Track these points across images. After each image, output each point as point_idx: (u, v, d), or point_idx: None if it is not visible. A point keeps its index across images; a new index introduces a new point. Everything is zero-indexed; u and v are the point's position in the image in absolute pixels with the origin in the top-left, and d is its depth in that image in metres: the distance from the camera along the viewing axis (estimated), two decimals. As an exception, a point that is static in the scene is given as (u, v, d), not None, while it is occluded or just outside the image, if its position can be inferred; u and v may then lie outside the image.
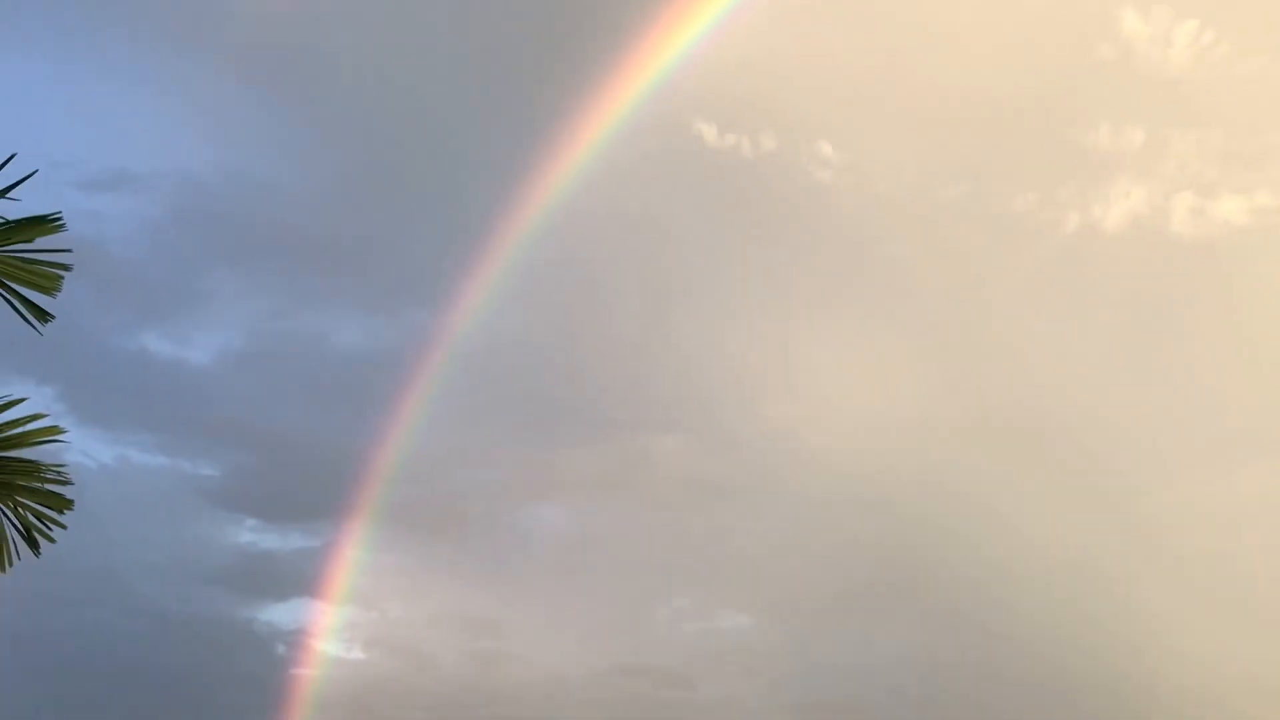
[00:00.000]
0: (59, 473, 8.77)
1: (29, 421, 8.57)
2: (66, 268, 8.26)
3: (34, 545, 8.83)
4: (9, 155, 8.27)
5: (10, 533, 8.77)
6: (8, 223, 8.25)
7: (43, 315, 8.35)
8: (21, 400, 8.55)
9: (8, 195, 8.21)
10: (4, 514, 8.67)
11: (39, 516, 8.76)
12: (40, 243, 8.32)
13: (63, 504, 8.79)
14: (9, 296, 8.26)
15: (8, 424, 8.50)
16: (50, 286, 8.29)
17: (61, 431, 8.60)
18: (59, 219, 8.35)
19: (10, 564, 8.73)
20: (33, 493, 8.71)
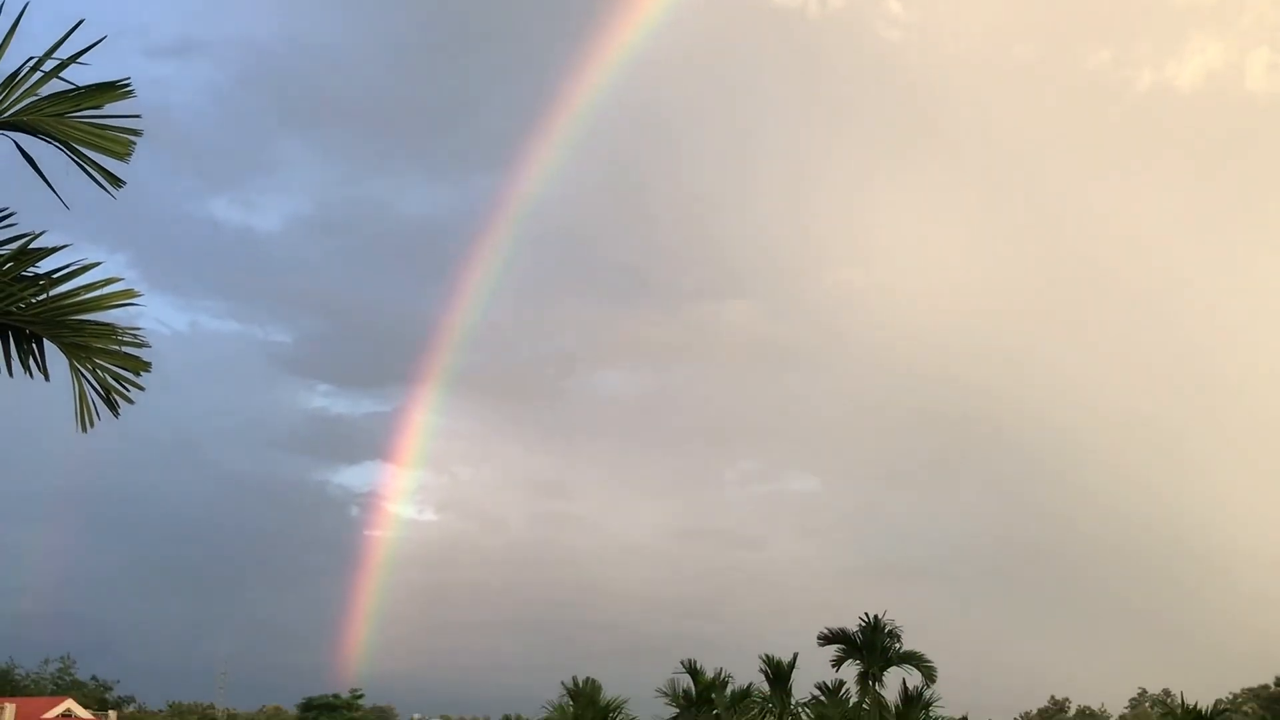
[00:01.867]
0: (135, 336, 8.92)
1: (104, 285, 8.70)
2: (137, 133, 8.35)
3: (113, 406, 9.01)
4: (77, 21, 8.34)
5: (90, 394, 8.95)
6: (77, 89, 8.34)
7: (115, 181, 8.46)
8: (96, 264, 8.68)
9: (77, 61, 8.28)
10: (83, 375, 8.84)
11: (116, 378, 8.93)
12: (109, 109, 8.40)
13: (139, 365, 8.96)
14: (81, 162, 8.36)
15: (83, 288, 8.64)
16: (122, 151, 8.38)
17: (136, 295, 8.72)
18: (128, 85, 8.42)
19: (91, 423, 8.91)
20: (110, 355, 8.87)
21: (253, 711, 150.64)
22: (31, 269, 8.55)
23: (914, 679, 49.89)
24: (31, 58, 8.19)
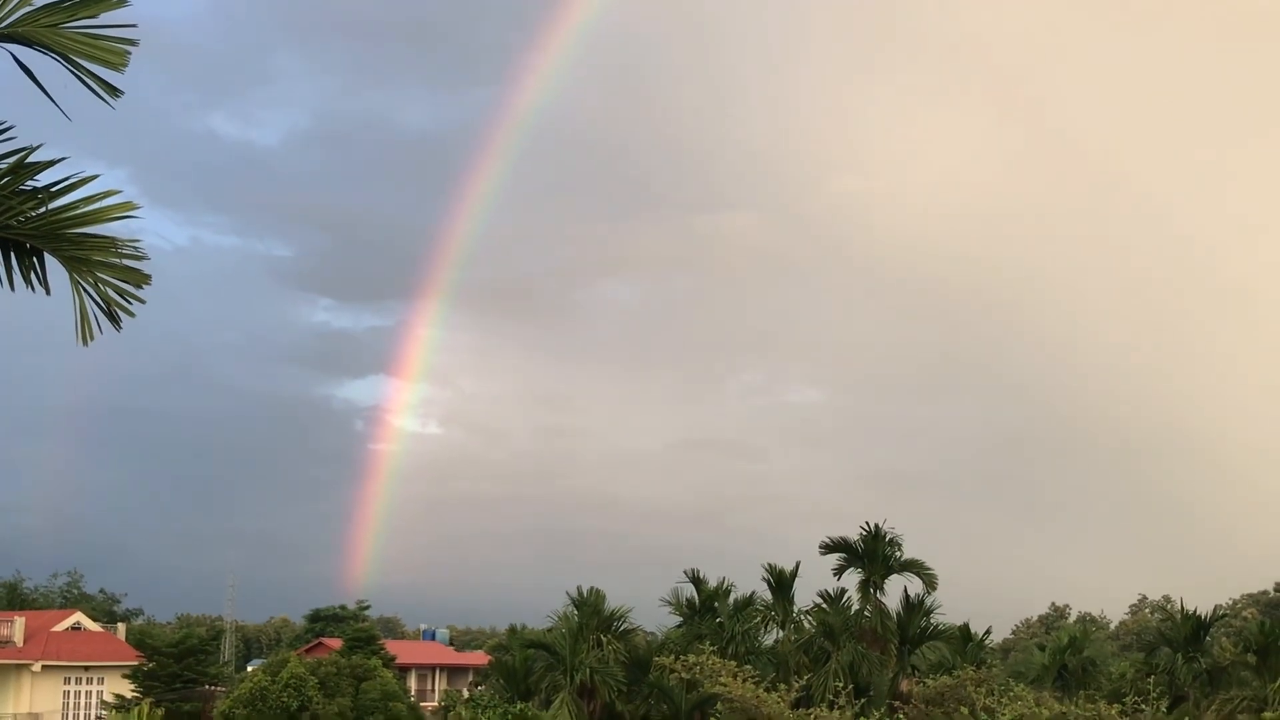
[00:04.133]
0: (135, 248, 8.90)
1: (103, 198, 8.67)
2: (133, 43, 8.26)
3: (115, 320, 9.00)
4: (69, -71, 8.23)
5: (91, 308, 8.94)
6: (72, -1, 8.25)
7: (113, 91, 8.39)
8: (94, 177, 8.64)
9: (71, -30, 8.19)
10: (84, 289, 8.83)
11: (118, 291, 8.91)
12: (105, 19, 8.32)
13: (140, 279, 8.94)
14: (78, 73, 8.29)
15: (81, 200, 8.60)
16: (118, 62, 8.30)
17: (135, 207, 8.67)
18: (122, -7, 8.33)
19: (91, 337, 8.91)
20: (110, 268, 8.85)
21: (260, 623, 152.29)
22: (30, 182, 8.51)
23: (915, 587, 50.40)
24: (24, -33, 8.10)
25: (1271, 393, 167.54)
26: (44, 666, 72.89)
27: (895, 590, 50.56)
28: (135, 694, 63.43)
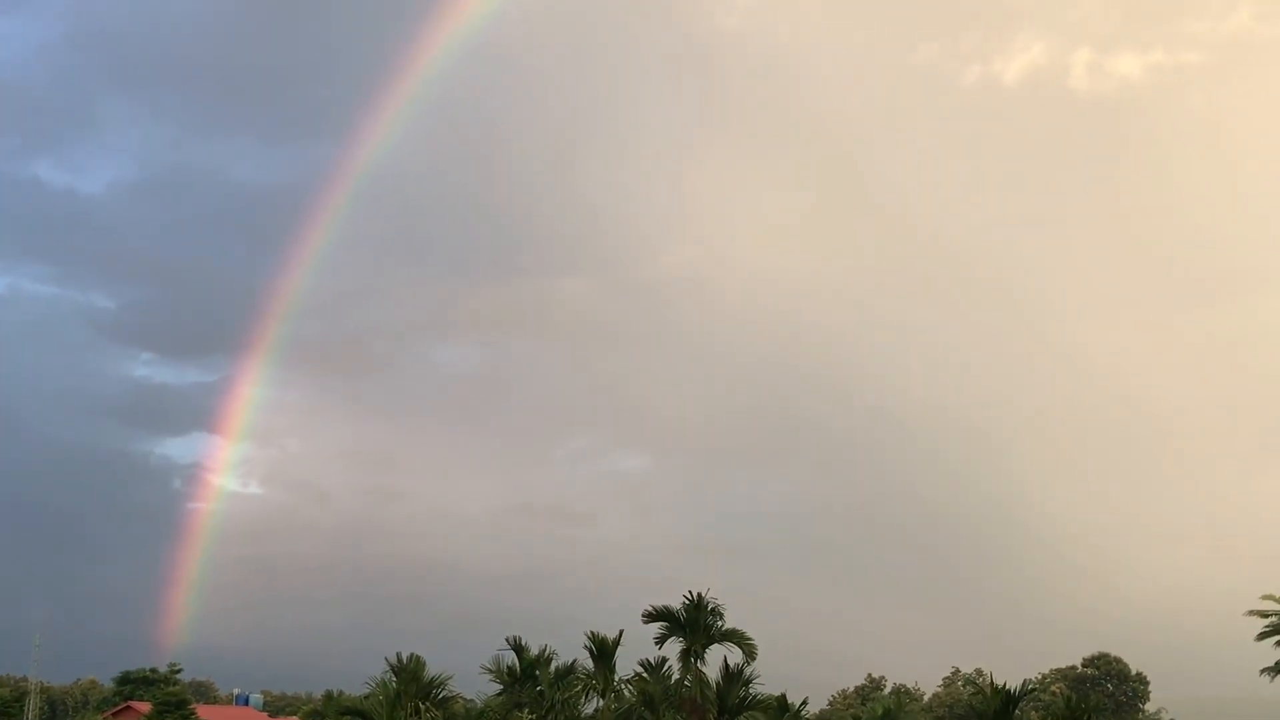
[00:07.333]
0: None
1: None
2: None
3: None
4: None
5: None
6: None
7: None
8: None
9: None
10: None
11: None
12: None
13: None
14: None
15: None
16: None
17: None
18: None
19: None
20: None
21: (68, 684, 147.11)
22: None
23: (735, 656, 50.69)
24: None
25: (1087, 469, 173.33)
26: None
27: (715, 659, 50.88)
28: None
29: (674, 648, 50.50)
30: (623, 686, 52.08)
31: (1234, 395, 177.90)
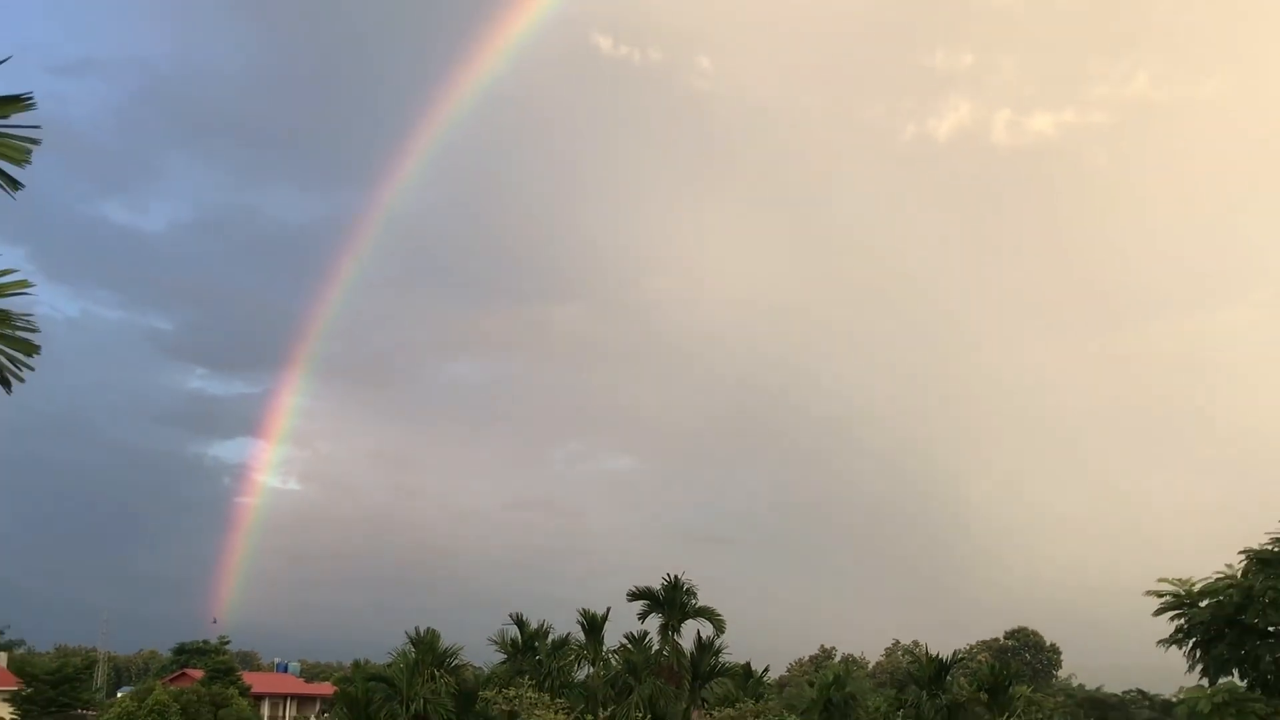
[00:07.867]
0: (27, 321, 8.68)
1: (1, 276, 8.45)
2: (35, 142, 8.11)
3: (6, 384, 8.75)
4: (-17, 40, 8.03)
5: (-15, 372, 8.66)
6: (-17, 101, 8.06)
7: (14, 184, 8.23)
8: (-6, 257, 8.40)
9: (-18, 76, 8.01)
10: (-21, 356, 8.55)
11: (10, 359, 8.66)
12: (13, 120, 8.16)
13: (30, 349, 8.70)
14: (-16, 166, 8.09)
15: (-18, 278, 8.35)
16: (20, 158, 8.14)
17: (30, 285, 8.49)
18: (30, 98, 8.18)
19: (-15, 399, 8.62)
20: (4, 338, 8.60)
21: (131, 654, 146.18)
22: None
23: (707, 630, 50.69)
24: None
25: (1007, 469, 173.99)
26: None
27: (690, 633, 50.82)
28: (14, 717, 60.41)
29: (654, 623, 50.50)
30: (610, 656, 52.01)
31: (1129, 405, 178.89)
